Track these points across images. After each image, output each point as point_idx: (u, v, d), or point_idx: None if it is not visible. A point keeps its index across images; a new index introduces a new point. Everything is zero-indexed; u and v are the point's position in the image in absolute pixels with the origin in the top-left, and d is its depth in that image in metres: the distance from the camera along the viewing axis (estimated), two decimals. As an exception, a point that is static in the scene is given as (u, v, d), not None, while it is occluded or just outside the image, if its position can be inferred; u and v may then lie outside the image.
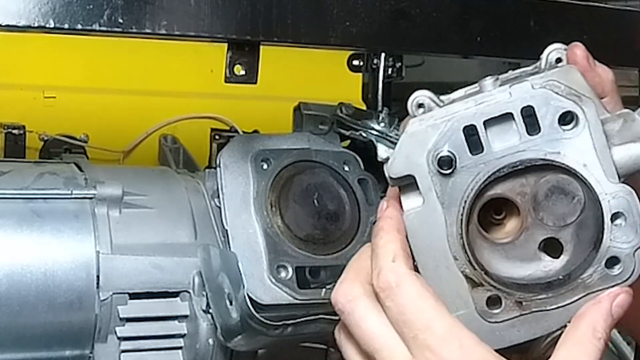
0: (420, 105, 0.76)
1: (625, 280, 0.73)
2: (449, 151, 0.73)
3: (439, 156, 0.73)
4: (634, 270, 0.73)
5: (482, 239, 0.76)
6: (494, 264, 0.76)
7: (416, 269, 0.75)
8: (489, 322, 0.74)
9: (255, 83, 1.08)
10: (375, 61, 1.84)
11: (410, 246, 0.76)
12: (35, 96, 1.68)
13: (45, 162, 1.22)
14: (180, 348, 1.11)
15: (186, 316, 1.10)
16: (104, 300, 1.05)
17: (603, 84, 0.80)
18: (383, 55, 1.81)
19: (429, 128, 0.74)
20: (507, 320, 0.74)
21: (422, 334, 0.70)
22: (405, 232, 0.76)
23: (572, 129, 0.71)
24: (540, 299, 0.74)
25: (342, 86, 1.86)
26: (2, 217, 1.04)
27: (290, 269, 1.11)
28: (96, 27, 0.92)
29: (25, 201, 1.07)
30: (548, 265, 0.75)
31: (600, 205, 0.72)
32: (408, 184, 0.75)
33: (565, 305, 0.74)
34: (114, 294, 1.06)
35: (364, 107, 1.79)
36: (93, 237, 1.07)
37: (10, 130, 1.60)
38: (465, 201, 0.74)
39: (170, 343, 1.11)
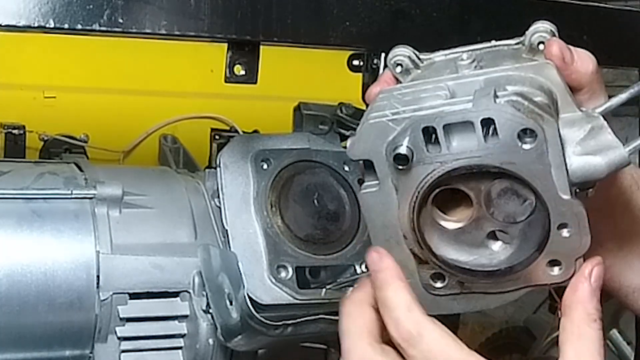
0: (399, 65, 0.78)
1: (564, 281, 0.75)
2: (407, 147, 0.74)
3: (396, 152, 0.74)
4: (573, 274, 0.75)
5: (432, 222, 0.77)
6: (441, 247, 0.77)
7: (369, 240, 0.79)
8: (432, 293, 0.78)
9: (255, 83, 1.08)
10: (375, 61, 1.83)
11: (365, 219, 0.79)
12: (35, 96, 1.67)
13: (45, 162, 1.23)
14: (180, 348, 1.11)
15: (186, 316, 1.10)
16: (104, 300, 1.05)
17: (580, 78, 0.80)
18: (383, 55, 1.81)
19: (390, 122, 0.75)
20: (448, 294, 0.78)
21: None
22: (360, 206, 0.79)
23: (529, 144, 0.72)
24: (481, 283, 0.77)
25: (342, 86, 1.85)
26: (2, 217, 1.04)
27: (290, 269, 1.11)
28: (96, 27, 0.92)
29: (25, 201, 1.07)
30: (493, 255, 0.77)
31: (549, 214, 0.74)
32: (368, 165, 0.77)
33: (505, 292, 0.77)
34: (114, 294, 1.06)
35: (364, 107, 1.79)
36: (93, 237, 1.07)
37: (10, 130, 1.60)
38: (419, 191, 0.75)
39: (170, 343, 1.11)
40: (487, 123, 0.72)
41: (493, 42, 0.82)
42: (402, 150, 0.74)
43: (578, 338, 0.73)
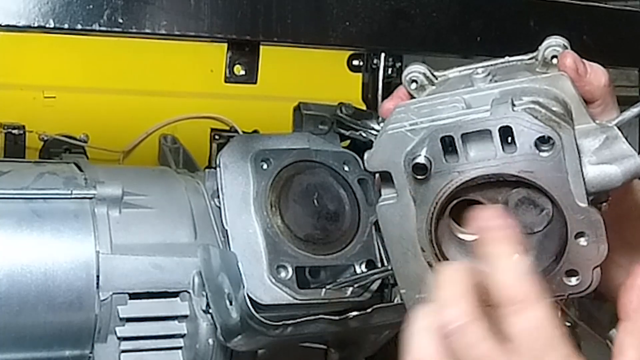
0: (414, 81, 0.79)
1: (581, 291, 0.75)
2: (425, 157, 0.74)
3: (415, 161, 0.74)
4: (590, 284, 0.75)
5: (450, 235, 0.77)
6: (459, 259, 0.77)
7: (385, 252, 0.77)
8: None
9: (255, 83, 1.08)
10: (375, 61, 1.83)
11: (382, 231, 0.79)
12: (35, 96, 1.67)
13: (45, 162, 1.23)
14: (180, 348, 1.11)
15: (186, 316, 1.10)
16: (103, 300, 1.05)
17: (593, 90, 0.80)
18: (383, 55, 1.81)
19: (408, 132, 0.75)
20: None
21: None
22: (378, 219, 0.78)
23: (547, 152, 0.73)
24: None
25: (342, 86, 1.85)
26: (2, 217, 1.04)
27: (290, 269, 1.11)
28: (96, 27, 0.92)
29: (25, 201, 1.07)
30: None
31: (567, 223, 0.74)
32: (386, 176, 0.78)
33: None
34: (113, 294, 1.06)
35: (364, 107, 1.79)
36: (93, 237, 1.07)
37: (10, 130, 1.60)
38: (437, 202, 0.75)
39: (170, 343, 1.11)
40: (505, 131, 0.73)
41: (507, 58, 0.82)
42: (421, 160, 0.74)
43: None
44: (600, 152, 0.75)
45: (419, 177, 0.74)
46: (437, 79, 0.81)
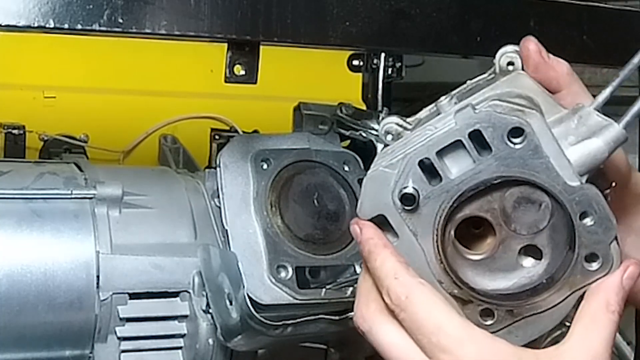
0: (389, 133, 0.78)
1: (606, 273, 0.74)
2: (410, 187, 0.75)
3: (401, 194, 0.75)
4: (612, 261, 0.74)
5: (462, 259, 0.77)
6: (478, 280, 0.77)
7: None
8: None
9: (255, 83, 1.08)
10: (375, 61, 1.84)
11: None
12: (35, 96, 1.68)
13: (45, 162, 1.22)
14: (180, 348, 1.11)
15: (186, 316, 1.10)
16: (104, 300, 1.05)
17: (558, 77, 0.81)
18: (383, 55, 1.81)
19: (386, 169, 0.76)
20: (502, 328, 0.76)
21: (435, 336, 0.72)
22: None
23: (521, 142, 0.72)
24: (529, 304, 0.76)
25: (342, 86, 1.86)
26: (2, 217, 1.04)
27: (290, 269, 1.11)
28: (96, 27, 0.92)
29: (25, 201, 1.07)
30: (531, 272, 0.77)
31: (566, 208, 0.73)
32: (382, 221, 0.77)
33: (555, 305, 0.75)
34: (114, 294, 1.06)
35: (364, 107, 1.79)
36: (93, 237, 1.07)
37: (10, 130, 1.60)
38: (437, 229, 0.75)
39: (170, 343, 1.11)
40: (476, 137, 0.73)
41: (468, 82, 0.83)
42: (408, 190, 0.74)
43: (591, 321, 0.72)
44: (578, 131, 0.74)
45: (409, 207, 0.75)
46: (410, 124, 0.81)
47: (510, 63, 0.80)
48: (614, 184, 0.78)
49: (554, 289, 0.75)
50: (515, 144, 0.72)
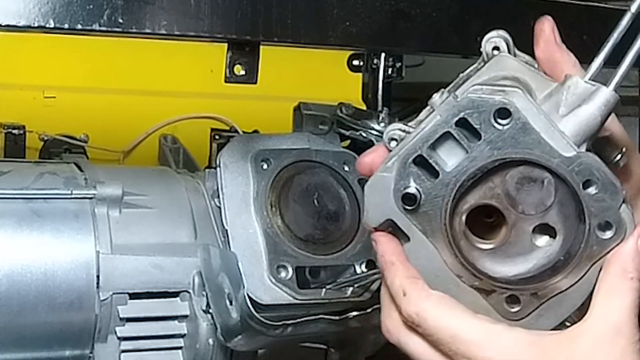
0: (393, 139, 0.78)
1: (622, 239, 0.73)
2: (412, 187, 0.75)
3: (402, 194, 0.75)
4: (626, 226, 0.73)
5: (477, 250, 0.77)
6: (498, 268, 0.76)
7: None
8: (516, 320, 0.76)
9: (255, 83, 1.08)
10: (375, 61, 1.83)
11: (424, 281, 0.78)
12: (35, 96, 1.67)
13: (45, 162, 1.22)
14: (180, 348, 1.11)
15: (186, 316, 1.10)
16: (104, 300, 1.05)
17: (563, 64, 0.79)
18: (383, 55, 1.81)
19: (384, 173, 0.76)
20: (530, 313, 0.76)
21: (453, 345, 0.72)
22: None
23: (509, 122, 0.72)
24: (552, 284, 0.75)
25: (342, 86, 1.85)
26: (2, 217, 1.04)
27: (290, 269, 1.11)
28: (96, 27, 0.92)
29: (25, 201, 1.07)
30: (547, 251, 0.76)
31: (567, 180, 0.73)
32: (391, 225, 0.77)
33: (578, 281, 0.75)
34: (114, 294, 1.06)
35: (364, 107, 1.79)
36: (93, 237, 1.07)
37: (10, 130, 1.60)
38: (445, 224, 0.75)
39: (170, 343, 1.11)
40: (463, 125, 0.73)
41: (460, 75, 0.82)
42: (409, 190, 0.74)
43: (609, 291, 0.71)
44: (568, 101, 0.73)
45: (413, 207, 0.74)
46: (412, 127, 0.81)
47: (495, 48, 0.79)
48: (624, 149, 0.77)
49: (573, 265, 0.74)
50: (503, 125, 0.72)
